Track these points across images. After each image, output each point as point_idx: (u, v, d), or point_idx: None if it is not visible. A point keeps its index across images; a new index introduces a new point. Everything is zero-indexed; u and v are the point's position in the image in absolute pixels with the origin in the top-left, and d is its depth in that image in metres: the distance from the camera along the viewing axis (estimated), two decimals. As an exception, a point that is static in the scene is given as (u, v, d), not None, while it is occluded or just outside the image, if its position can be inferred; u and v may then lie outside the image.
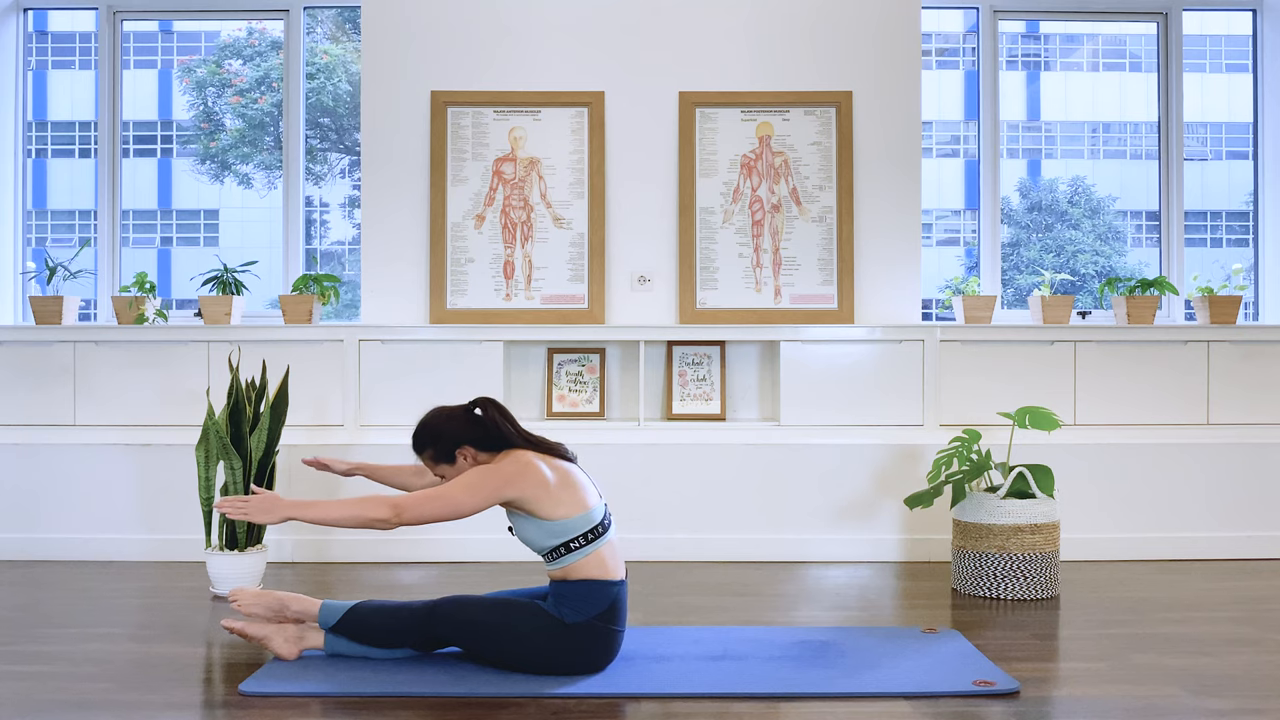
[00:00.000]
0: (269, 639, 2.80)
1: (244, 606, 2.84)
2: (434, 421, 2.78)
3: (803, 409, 4.34)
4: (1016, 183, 7.37)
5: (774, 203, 4.57)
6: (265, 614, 2.84)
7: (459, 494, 2.65)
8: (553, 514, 2.66)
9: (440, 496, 2.65)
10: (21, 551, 4.24)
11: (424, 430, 2.78)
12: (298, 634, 2.81)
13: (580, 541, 2.67)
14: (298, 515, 2.66)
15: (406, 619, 2.74)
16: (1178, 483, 4.31)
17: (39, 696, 2.56)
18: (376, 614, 2.77)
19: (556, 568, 2.69)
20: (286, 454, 4.17)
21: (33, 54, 5.20)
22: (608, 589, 2.67)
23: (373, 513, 2.63)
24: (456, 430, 2.74)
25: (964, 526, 3.72)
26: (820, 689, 2.59)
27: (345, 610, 2.78)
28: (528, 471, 2.67)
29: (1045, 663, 2.87)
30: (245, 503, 2.66)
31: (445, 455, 2.76)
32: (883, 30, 4.61)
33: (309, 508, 2.67)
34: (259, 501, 2.66)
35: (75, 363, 4.37)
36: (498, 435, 2.75)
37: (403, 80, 4.58)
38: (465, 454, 2.74)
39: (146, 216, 7.08)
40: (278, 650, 2.79)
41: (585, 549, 2.67)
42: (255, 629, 2.82)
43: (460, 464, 2.75)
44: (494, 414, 2.76)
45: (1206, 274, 4.91)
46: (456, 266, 4.54)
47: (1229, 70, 6.08)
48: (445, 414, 2.78)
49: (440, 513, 2.65)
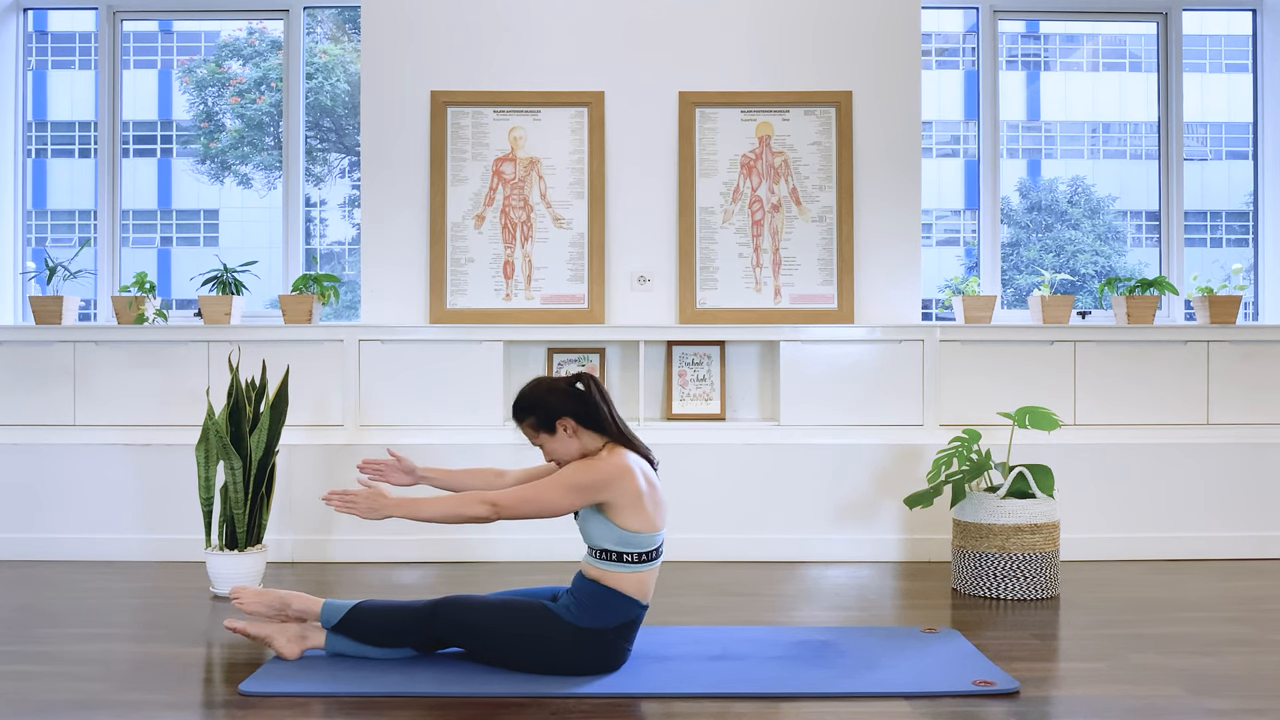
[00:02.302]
0: (271, 638, 2.81)
1: (246, 605, 2.84)
2: (537, 392, 2.78)
3: (803, 409, 4.34)
4: (1016, 183, 7.37)
5: (774, 203, 4.57)
6: (267, 613, 2.84)
7: (555, 495, 2.66)
8: (627, 524, 2.67)
9: (537, 498, 2.67)
10: (21, 551, 4.24)
11: (527, 399, 2.79)
12: (300, 633, 2.81)
13: (634, 558, 2.68)
14: (401, 513, 2.67)
15: (408, 619, 2.75)
16: (1177, 483, 4.31)
17: (39, 696, 2.56)
18: (378, 614, 2.78)
19: (596, 568, 2.70)
20: (286, 454, 4.17)
21: (33, 54, 5.20)
22: (632, 607, 2.69)
23: (473, 510, 2.66)
24: (559, 402, 2.75)
25: (964, 526, 3.72)
26: (820, 689, 2.59)
27: (347, 609, 2.78)
28: (626, 479, 2.67)
29: (1045, 663, 2.87)
30: (354, 497, 2.67)
31: (546, 425, 2.75)
32: (883, 30, 4.61)
33: (412, 506, 2.67)
34: (366, 498, 2.68)
35: (75, 363, 4.37)
36: (597, 414, 2.75)
37: (403, 80, 4.58)
38: (565, 425, 2.74)
39: (146, 216, 7.08)
40: (280, 650, 2.79)
41: (634, 566, 2.68)
42: (257, 628, 2.82)
43: (560, 434, 2.75)
44: (596, 393, 2.77)
45: (1206, 274, 4.92)
46: (456, 266, 4.54)
47: (1229, 70, 6.08)
48: (548, 385, 2.79)
49: (536, 513, 2.67)
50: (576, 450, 2.75)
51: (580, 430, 2.75)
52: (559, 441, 2.76)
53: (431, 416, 4.32)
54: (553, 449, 2.77)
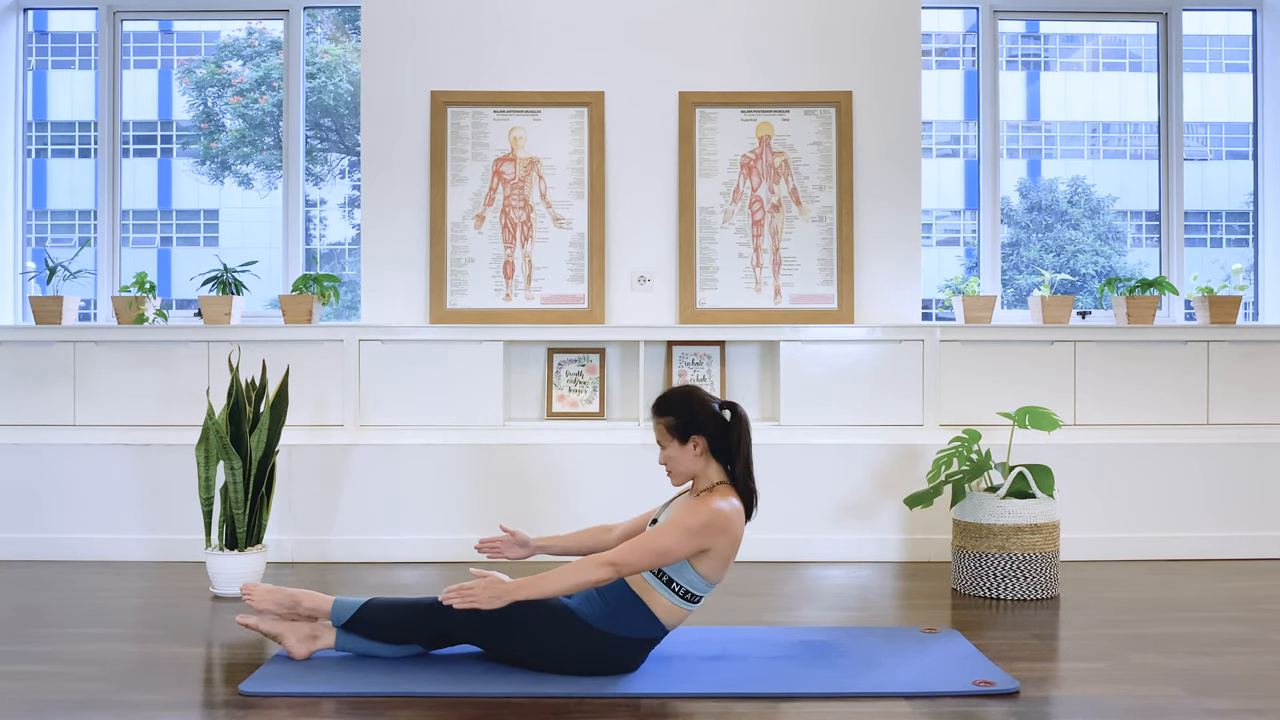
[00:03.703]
0: (282, 636, 2.81)
1: (256, 602, 2.85)
2: (687, 398, 2.78)
3: (803, 409, 4.34)
4: (1016, 183, 7.37)
5: (774, 203, 4.57)
6: (277, 610, 2.84)
7: (671, 543, 2.64)
8: (701, 568, 2.69)
9: (653, 549, 2.65)
10: (21, 551, 4.24)
11: (674, 401, 2.79)
12: (310, 633, 2.81)
13: (683, 592, 2.69)
14: (524, 594, 2.63)
15: (422, 612, 2.75)
16: (1177, 483, 4.31)
17: (39, 696, 2.56)
18: (390, 610, 2.78)
19: (644, 580, 2.70)
20: (286, 454, 4.17)
21: (33, 54, 5.20)
22: (658, 628, 2.70)
23: (594, 575, 2.64)
24: (703, 418, 2.74)
25: (964, 526, 3.72)
26: (820, 689, 2.59)
27: (358, 606, 2.78)
28: (731, 536, 2.68)
29: (1045, 663, 2.87)
30: (471, 590, 2.63)
31: (680, 432, 2.75)
32: (883, 30, 4.61)
33: (533, 584, 2.65)
34: (485, 587, 2.63)
35: (75, 363, 4.37)
36: (731, 449, 2.76)
37: (403, 80, 4.58)
38: (698, 442, 2.74)
39: (146, 216, 7.08)
40: (290, 649, 2.80)
41: (679, 599, 2.70)
42: (268, 626, 2.83)
43: (688, 448, 2.74)
44: (740, 428, 2.76)
45: (1206, 274, 4.91)
46: (456, 266, 4.54)
47: (1229, 70, 6.08)
48: (699, 397, 2.79)
49: (655, 563, 2.66)
50: (695, 470, 2.76)
51: (709, 454, 2.76)
52: (684, 454, 2.75)
53: (431, 416, 4.32)
54: (674, 458, 2.76)
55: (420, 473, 4.25)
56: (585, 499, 4.23)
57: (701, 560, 2.67)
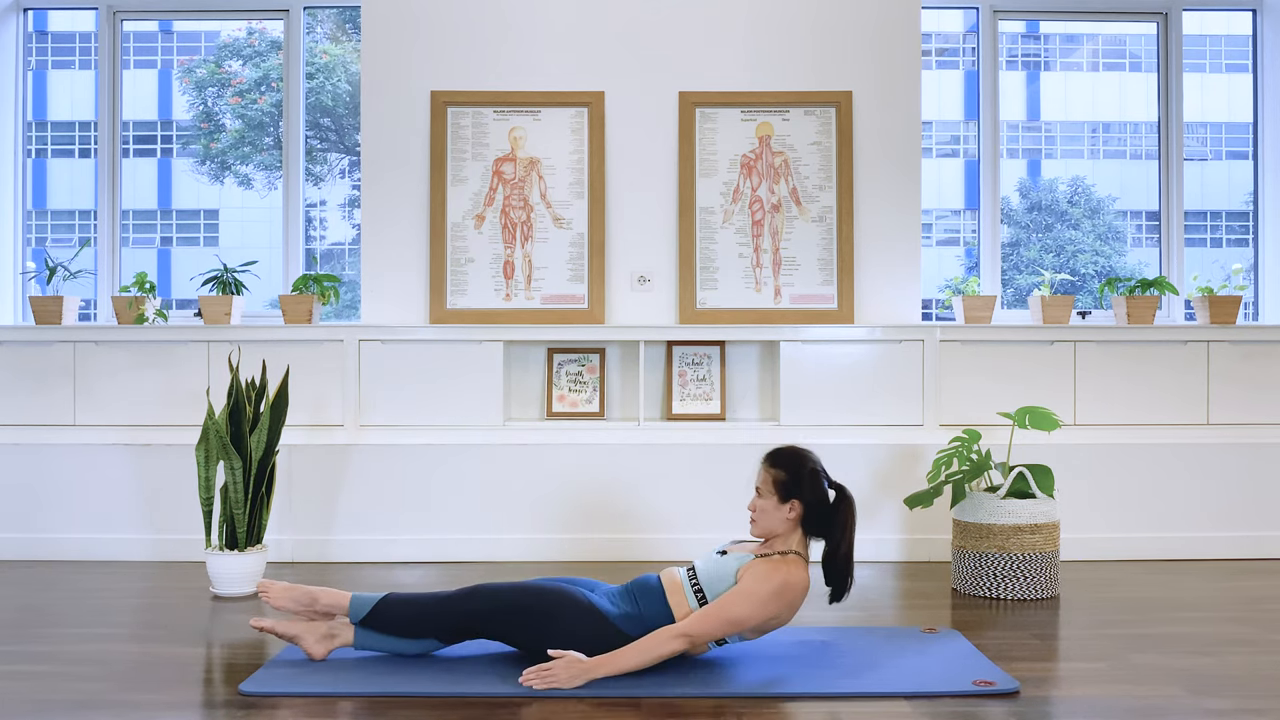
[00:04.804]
0: (300, 637, 2.80)
1: (273, 600, 2.84)
2: (803, 462, 2.79)
3: (803, 409, 4.34)
4: (1016, 183, 7.37)
5: (774, 203, 4.57)
6: (294, 608, 2.84)
7: (746, 612, 2.67)
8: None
9: (727, 618, 2.67)
10: (21, 551, 4.24)
11: (791, 459, 2.80)
12: (328, 632, 2.81)
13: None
14: (603, 672, 2.62)
15: (441, 605, 2.76)
16: (1177, 483, 4.31)
17: (39, 696, 2.56)
18: (408, 604, 2.78)
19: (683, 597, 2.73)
20: (286, 454, 4.17)
21: (33, 54, 5.20)
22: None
23: (670, 648, 2.66)
24: (809, 487, 2.76)
25: (964, 526, 3.72)
26: (820, 689, 2.59)
27: (376, 601, 2.78)
28: (794, 610, 2.74)
29: (1045, 663, 2.87)
30: (550, 671, 2.60)
31: (784, 491, 2.76)
32: (882, 30, 4.61)
33: (611, 662, 2.63)
34: (564, 667, 2.60)
35: (75, 363, 4.37)
36: (823, 528, 2.77)
37: (403, 80, 4.58)
38: (794, 506, 2.75)
39: (146, 216, 7.07)
40: (308, 650, 2.79)
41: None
42: (285, 627, 2.82)
43: (783, 509, 2.75)
44: (846, 510, 2.76)
45: (1206, 274, 4.91)
46: (456, 266, 4.54)
47: (1229, 70, 6.08)
48: (814, 467, 2.79)
49: (727, 632, 2.70)
50: (778, 531, 2.77)
51: (800, 524, 2.77)
52: (776, 511, 2.76)
53: (431, 416, 4.32)
54: (766, 510, 2.77)
55: (420, 473, 4.25)
56: (586, 499, 4.23)
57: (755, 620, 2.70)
